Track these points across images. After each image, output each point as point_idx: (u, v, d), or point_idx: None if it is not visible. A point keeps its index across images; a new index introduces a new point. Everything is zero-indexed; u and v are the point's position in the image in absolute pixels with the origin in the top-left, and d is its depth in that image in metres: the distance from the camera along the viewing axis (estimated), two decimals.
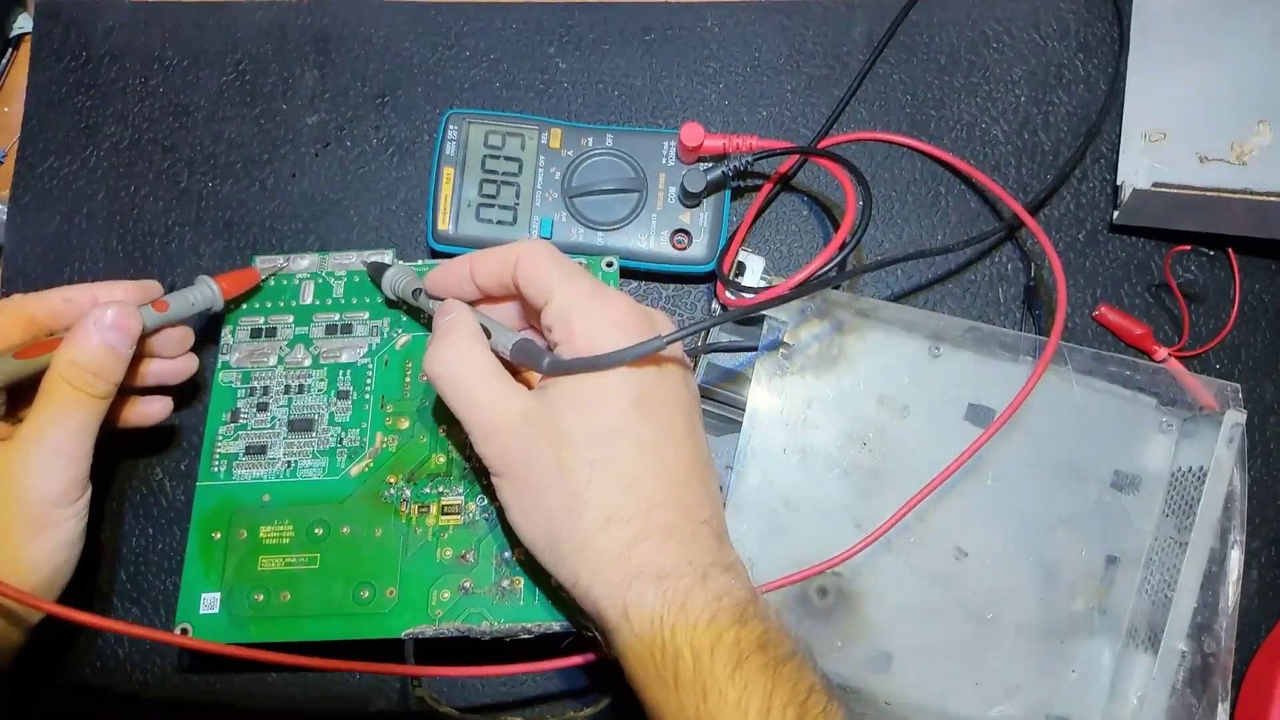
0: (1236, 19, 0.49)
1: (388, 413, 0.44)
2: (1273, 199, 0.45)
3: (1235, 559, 0.42)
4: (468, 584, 0.41)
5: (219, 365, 0.45)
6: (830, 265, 0.42)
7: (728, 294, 0.45)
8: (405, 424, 0.44)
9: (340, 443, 0.44)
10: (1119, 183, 0.49)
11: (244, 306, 0.46)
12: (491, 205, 0.47)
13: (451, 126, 0.48)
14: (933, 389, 0.45)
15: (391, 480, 0.43)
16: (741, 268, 0.46)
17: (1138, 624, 0.43)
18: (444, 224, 0.47)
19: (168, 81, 0.53)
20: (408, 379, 0.44)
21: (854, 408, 0.44)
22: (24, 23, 0.54)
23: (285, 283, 0.46)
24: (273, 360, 0.45)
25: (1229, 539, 0.42)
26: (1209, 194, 0.45)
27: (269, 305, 0.46)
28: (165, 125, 0.52)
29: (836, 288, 0.47)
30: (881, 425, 0.44)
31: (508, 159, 0.48)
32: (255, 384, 0.45)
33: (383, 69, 0.53)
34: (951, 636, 0.43)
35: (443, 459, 0.43)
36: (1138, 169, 0.48)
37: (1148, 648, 0.41)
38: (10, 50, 0.55)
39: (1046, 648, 0.43)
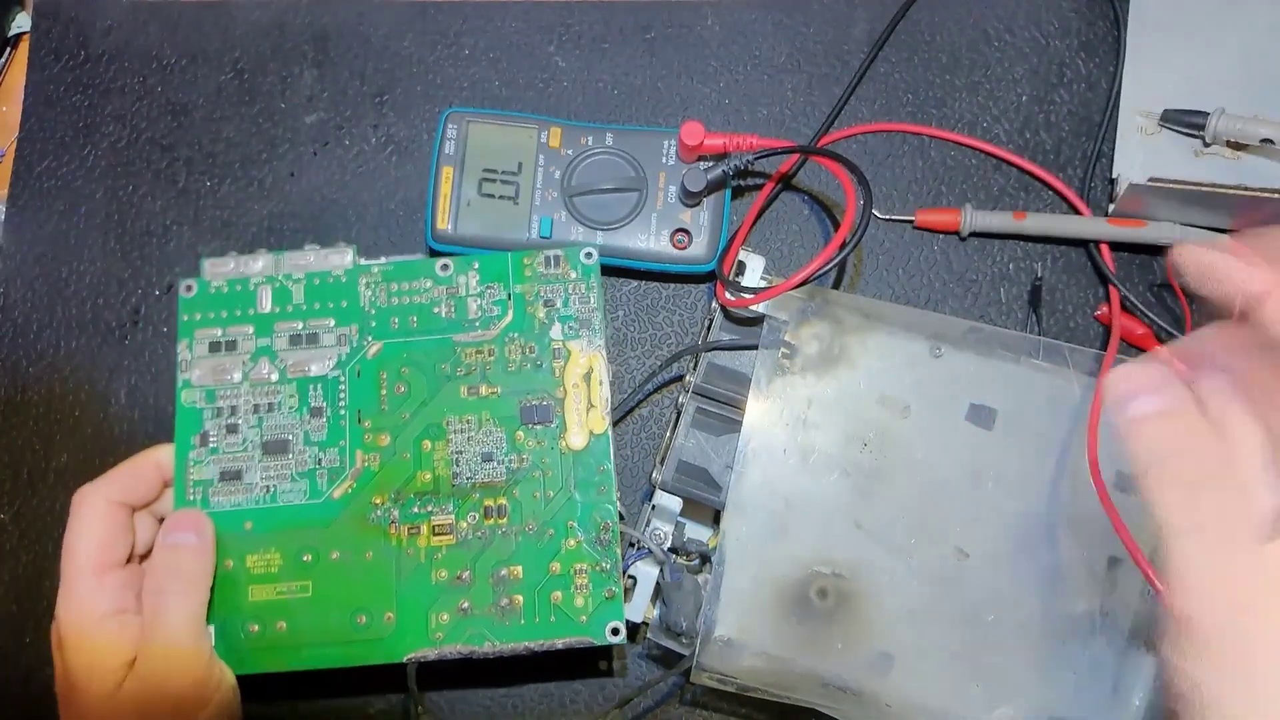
0: (1233, 12, 0.49)
1: (366, 429, 0.42)
2: (1267, 194, 0.44)
3: None
4: (466, 605, 0.40)
5: (180, 384, 0.43)
6: (830, 265, 0.42)
7: (727, 294, 0.44)
8: (386, 440, 0.42)
9: (319, 464, 0.42)
10: (1114, 176, 0.49)
11: (199, 318, 0.43)
12: (491, 204, 0.47)
13: (450, 125, 0.48)
14: (934, 389, 0.44)
15: (378, 501, 0.41)
16: (742, 267, 0.46)
17: (1140, 626, 0.42)
18: (443, 223, 0.47)
19: (166, 80, 0.53)
20: (384, 391, 0.42)
21: (855, 408, 0.44)
22: (22, 21, 0.54)
23: (240, 289, 0.44)
24: (237, 376, 0.43)
25: None
26: (1204, 188, 0.45)
27: (224, 315, 0.43)
28: (163, 124, 0.52)
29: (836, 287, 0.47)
30: (882, 426, 0.44)
31: (507, 158, 0.47)
32: (222, 404, 0.42)
33: (381, 68, 0.53)
34: (953, 638, 0.43)
35: (429, 476, 0.41)
36: (1133, 163, 0.48)
37: (1150, 650, 0.41)
38: (8, 49, 0.54)
39: (1048, 650, 0.42)
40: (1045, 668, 0.42)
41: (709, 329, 0.46)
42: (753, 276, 0.46)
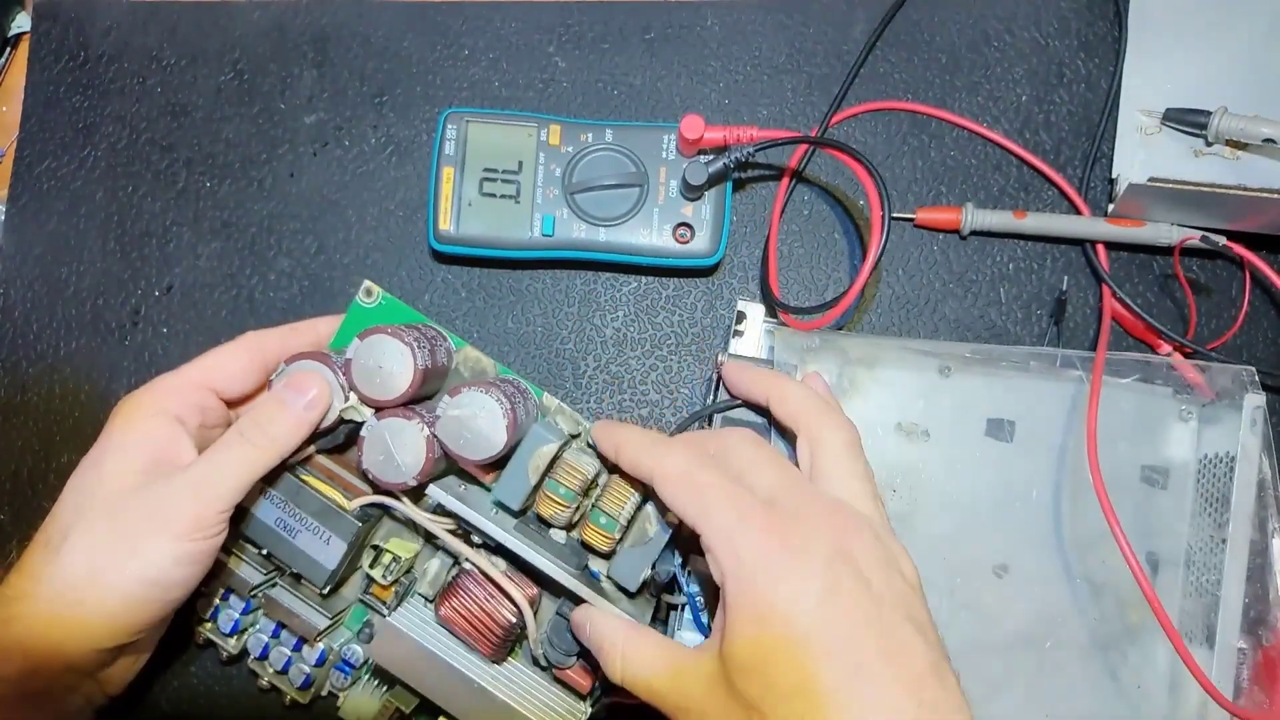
0: (1234, 12, 0.49)
1: None
2: (1267, 194, 0.44)
3: (1278, 548, 0.41)
4: None
5: None
6: (881, 252, 0.43)
7: (790, 315, 0.45)
8: None
9: None
10: (1114, 176, 0.49)
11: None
12: (492, 204, 0.47)
13: (450, 126, 0.48)
14: (949, 409, 0.44)
15: None
16: (742, 316, 0.46)
17: (1192, 626, 0.42)
18: (445, 224, 0.47)
19: (166, 81, 0.53)
20: None
21: (875, 444, 0.43)
22: (22, 22, 0.54)
23: None
24: None
25: (1269, 528, 0.41)
26: (1204, 189, 0.45)
27: None
28: (163, 125, 0.52)
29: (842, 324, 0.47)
30: (907, 463, 0.43)
31: (507, 157, 0.47)
32: None
33: (381, 68, 0.53)
34: (1014, 670, 0.42)
35: None
36: (1133, 163, 0.48)
37: (1203, 644, 0.41)
38: (8, 50, 0.54)
39: (1103, 659, 0.42)
40: (1104, 677, 0.42)
41: (716, 388, 0.44)
42: (754, 324, 0.46)
